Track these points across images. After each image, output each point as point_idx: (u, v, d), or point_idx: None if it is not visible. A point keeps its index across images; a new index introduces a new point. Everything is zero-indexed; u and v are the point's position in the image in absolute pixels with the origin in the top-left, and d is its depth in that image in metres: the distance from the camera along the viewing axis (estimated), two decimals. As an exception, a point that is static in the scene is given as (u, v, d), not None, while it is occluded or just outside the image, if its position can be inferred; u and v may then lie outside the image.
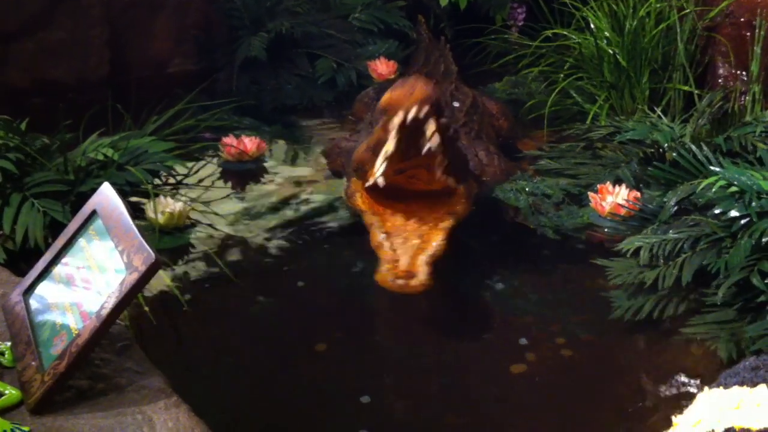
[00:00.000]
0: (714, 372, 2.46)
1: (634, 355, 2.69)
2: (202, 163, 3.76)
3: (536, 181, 3.62)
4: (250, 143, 3.97)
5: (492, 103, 4.34)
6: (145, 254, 1.86)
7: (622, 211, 3.20)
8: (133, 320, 2.68)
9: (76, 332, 1.86)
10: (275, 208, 3.59)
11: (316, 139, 4.43)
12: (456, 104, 3.99)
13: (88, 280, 1.99)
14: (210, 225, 3.40)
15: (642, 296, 2.79)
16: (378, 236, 2.93)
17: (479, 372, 2.64)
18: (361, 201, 3.18)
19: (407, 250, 2.84)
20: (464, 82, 4.41)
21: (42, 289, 2.11)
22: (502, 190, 3.58)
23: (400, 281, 2.72)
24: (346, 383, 2.57)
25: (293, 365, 2.65)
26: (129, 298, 1.85)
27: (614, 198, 3.27)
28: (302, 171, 4.03)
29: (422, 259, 2.79)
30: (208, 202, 3.54)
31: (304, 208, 3.61)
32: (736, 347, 2.48)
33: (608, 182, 3.36)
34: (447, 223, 3.01)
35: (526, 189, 3.56)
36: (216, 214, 3.47)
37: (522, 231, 3.37)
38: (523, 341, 2.73)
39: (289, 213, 3.56)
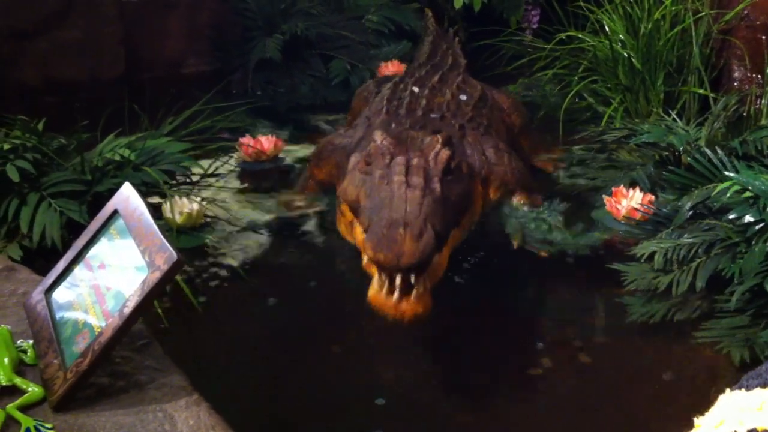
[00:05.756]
0: (729, 375, 2.47)
1: (650, 359, 2.68)
2: (219, 163, 3.77)
3: (521, 215, 3.43)
4: (267, 142, 3.97)
5: (503, 97, 4.12)
6: (167, 253, 1.87)
7: (638, 215, 3.19)
8: (149, 319, 2.69)
9: (99, 330, 1.88)
10: (291, 209, 3.60)
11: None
12: (463, 97, 3.77)
13: (109, 278, 2.00)
14: (226, 225, 3.42)
15: (656, 300, 2.80)
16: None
17: (498, 374, 2.65)
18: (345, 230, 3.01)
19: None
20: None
21: (64, 287, 2.12)
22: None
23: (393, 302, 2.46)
24: (361, 383, 2.58)
25: (308, 363, 2.66)
26: (151, 297, 1.86)
27: (629, 201, 3.26)
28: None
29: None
30: (225, 202, 3.55)
31: (319, 209, 3.62)
32: (749, 352, 2.49)
33: (622, 185, 3.36)
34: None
35: (519, 219, 3.42)
36: (232, 214, 3.49)
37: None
38: (540, 345, 2.73)
39: (304, 213, 3.57)
